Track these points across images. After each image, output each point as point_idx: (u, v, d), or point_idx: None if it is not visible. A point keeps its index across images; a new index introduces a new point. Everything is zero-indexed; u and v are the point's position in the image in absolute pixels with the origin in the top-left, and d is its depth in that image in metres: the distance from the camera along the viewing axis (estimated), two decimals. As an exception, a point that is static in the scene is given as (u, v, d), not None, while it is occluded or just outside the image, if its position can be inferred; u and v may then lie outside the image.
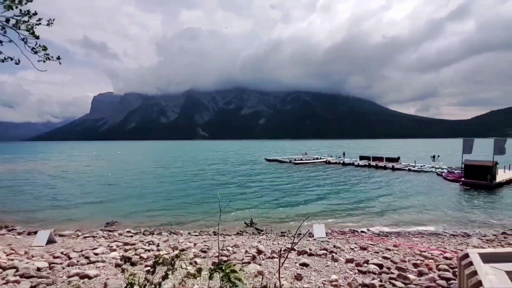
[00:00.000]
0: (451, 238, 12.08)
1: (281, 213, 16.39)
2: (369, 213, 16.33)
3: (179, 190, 24.23)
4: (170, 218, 15.53)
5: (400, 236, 12.29)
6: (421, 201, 19.15)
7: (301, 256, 8.16)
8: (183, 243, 9.73)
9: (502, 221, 14.87)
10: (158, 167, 45.27)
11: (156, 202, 19.57)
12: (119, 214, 16.39)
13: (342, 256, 8.36)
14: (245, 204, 18.71)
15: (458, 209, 17.16)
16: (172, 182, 28.93)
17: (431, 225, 14.27)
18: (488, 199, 20.18)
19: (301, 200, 19.75)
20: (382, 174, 33.41)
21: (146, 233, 12.40)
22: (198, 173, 37.07)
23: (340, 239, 10.98)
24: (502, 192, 22.63)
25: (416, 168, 36.03)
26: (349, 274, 7.07)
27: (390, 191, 22.89)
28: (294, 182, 28.35)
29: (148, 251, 8.72)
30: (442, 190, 23.27)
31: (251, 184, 27.37)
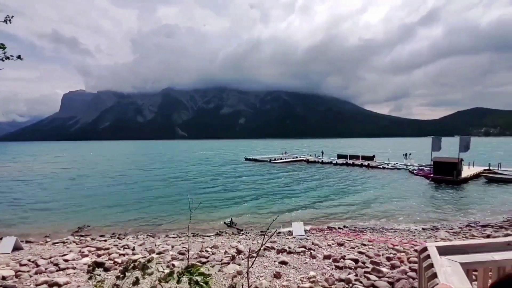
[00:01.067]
0: (421, 232, 12.74)
1: (261, 212, 16.47)
2: (347, 210, 16.83)
3: (157, 192, 23.59)
4: (146, 220, 15.07)
5: (375, 232, 12.77)
6: (394, 197, 20.05)
7: (281, 255, 8.24)
8: (160, 246, 9.48)
9: (467, 214, 15.94)
10: (134, 168, 43.74)
11: (132, 205, 18.90)
12: (92, 218, 15.64)
13: (320, 252, 8.55)
14: (225, 204, 18.60)
15: (427, 204, 18.16)
16: (149, 184, 28.10)
17: (403, 220, 14.97)
18: (455, 193, 21.55)
19: (281, 199, 19.96)
20: (358, 172, 34.58)
21: (121, 237, 11.94)
22: (176, 173, 36.30)
23: (318, 236, 11.22)
24: (467, 187, 24.27)
25: (390, 166, 37.69)
26: (327, 270, 7.24)
27: (366, 188, 23.75)
28: (273, 181, 28.59)
29: (123, 256, 8.40)
30: (413, 186, 24.52)
31: (231, 183, 27.25)
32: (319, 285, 6.28)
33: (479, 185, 25.27)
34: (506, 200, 19.07)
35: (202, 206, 17.62)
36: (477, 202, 18.68)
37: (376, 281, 6.17)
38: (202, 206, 17.38)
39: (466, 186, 24.62)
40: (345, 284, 6.29)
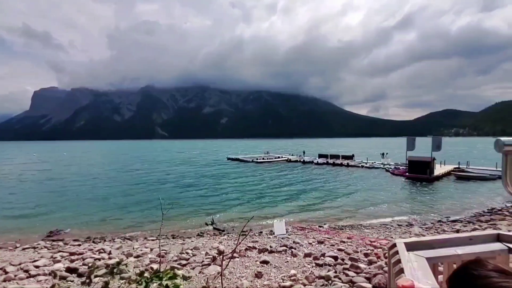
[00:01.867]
0: (397, 228, 13.27)
1: (243, 212, 16.45)
2: (327, 208, 17.21)
3: (135, 194, 22.89)
4: (124, 223, 14.58)
5: (354, 229, 13.15)
6: (372, 195, 20.75)
7: (262, 254, 8.27)
8: (138, 249, 9.20)
9: (439, 210, 16.81)
10: (111, 170, 42.10)
11: (109, 208, 18.20)
12: (65, 222, 14.89)
13: (301, 251, 8.67)
14: (206, 204, 18.40)
15: (403, 201, 18.96)
16: (127, 186, 27.21)
17: (380, 216, 15.53)
18: (428, 190, 22.67)
19: (263, 198, 20.06)
20: (338, 171, 35.47)
21: (97, 241, 11.47)
22: (156, 175, 35.43)
23: (299, 235, 11.38)
24: (438, 184, 25.60)
25: (368, 165, 39.00)
26: (307, 268, 7.36)
27: (345, 187, 24.41)
28: (256, 180, 28.66)
29: (98, 260, 8.07)
30: (389, 184, 25.52)
31: (213, 184, 27.01)
32: (300, 283, 6.37)
33: (450, 182, 26.75)
34: (473, 196, 20.30)
35: (183, 207, 17.34)
36: (448, 198, 19.75)
37: (354, 277, 6.35)
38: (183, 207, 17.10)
39: (438, 184, 25.97)
40: (325, 281, 6.42)
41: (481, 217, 14.69)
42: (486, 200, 18.79)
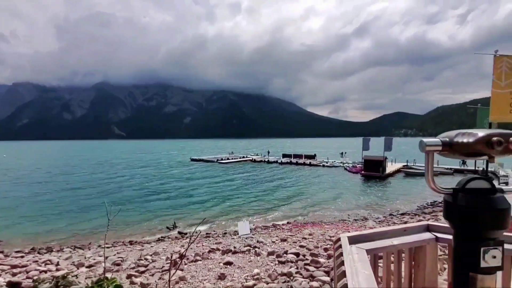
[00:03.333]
0: (353, 222, 14.15)
1: (206, 213, 16.17)
2: (290, 206, 17.71)
3: (86, 199, 21.13)
4: (74, 231, 13.39)
5: (315, 225, 13.72)
6: (332, 192, 21.87)
7: (226, 255, 8.22)
8: (91, 258, 8.54)
9: (390, 204, 18.30)
10: (59, 174, 38.21)
11: (56, 215, 16.56)
12: (4, 232, 13.24)
13: (265, 250, 8.80)
14: (168, 208, 17.73)
15: (359, 197, 20.30)
16: (78, 191, 25.04)
17: (340, 212, 16.42)
18: (381, 187, 24.56)
19: (227, 199, 19.94)
20: (301, 170, 36.72)
21: (42, 251, 10.38)
22: (112, 178, 33.19)
23: (263, 233, 11.53)
24: (390, 181, 27.90)
25: (329, 164, 41.04)
26: (270, 266, 7.49)
27: (307, 185, 25.37)
28: (220, 181, 28.39)
29: (44, 272, 7.31)
30: (347, 182, 27.15)
31: (175, 186, 26.13)
32: (263, 281, 6.46)
33: (400, 179, 29.32)
34: (419, 191, 22.48)
35: (143, 211, 16.51)
36: (398, 193, 21.62)
37: (314, 271, 6.63)
38: (142, 212, 16.28)
39: (389, 180, 28.28)
40: (287, 278, 6.60)
41: (425, 209, 16.35)
42: (429, 194, 20.97)
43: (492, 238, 0.88)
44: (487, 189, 0.90)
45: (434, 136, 0.93)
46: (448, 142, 0.87)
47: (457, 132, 0.87)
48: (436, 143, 0.88)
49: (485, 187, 0.90)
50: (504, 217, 0.87)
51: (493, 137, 0.78)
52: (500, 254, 0.86)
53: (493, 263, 0.86)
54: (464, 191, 0.91)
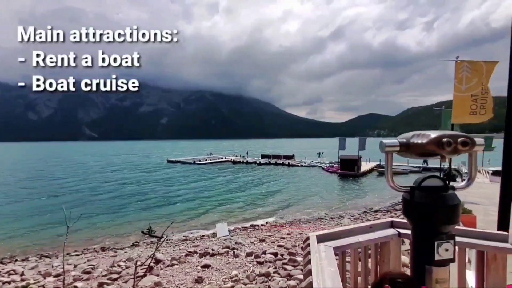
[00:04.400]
0: (330, 220, 14.53)
1: (184, 216, 15.83)
2: (269, 206, 17.84)
3: (54, 205, 19.89)
4: (41, 239, 12.56)
5: (293, 225, 13.92)
6: (310, 192, 22.33)
7: (203, 258, 8.11)
8: (59, 267, 8.05)
9: (364, 202, 19.01)
10: (25, 179, 35.72)
11: (21, 223, 15.39)
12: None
13: (243, 251, 8.79)
14: (144, 211, 17.16)
15: (336, 196, 20.91)
16: (44, 196, 23.48)
17: (317, 211, 16.77)
18: (356, 185, 25.47)
19: (206, 201, 19.69)
20: (280, 170, 37.13)
21: (5, 261, 9.63)
22: (83, 181, 31.54)
23: (242, 235, 11.53)
24: (364, 180, 28.99)
25: (307, 164, 41.88)
26: (249, 267, 7.50)
27: (286, 185, 25.71)
28: (198, 183, 27.95)
29: (8, 284, 6.79)
30: (325, 181, 27.87)
31: (151, 188, 25.35)
32: (241, 283, 6.45)
33: (373, 177, 30.56)
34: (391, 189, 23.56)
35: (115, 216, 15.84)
36: (372, 191, 22.52)
37: (292, 270, 6.72)
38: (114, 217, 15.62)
39: (364, 179, 29.39)
40: (265, 278, 6.64)
41: (396, 206, 17.15)
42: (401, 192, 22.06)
43: (444, 233, 0.94)
44: (440, 186, 0.96)
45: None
46: (405, 143, 0.93)
47: (413, 134, 0.92)
48: (394, 144, 0.93)
49: (438, 185, 0.97)
50: (455, 212, 0.94)
51: (444, 138, 0.84)
52: (452, 247, 0.93)
53: (446, 256, 0.93)
54: (420, 189, 0.97)
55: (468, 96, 7.48)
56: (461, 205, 0.97)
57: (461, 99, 7.61)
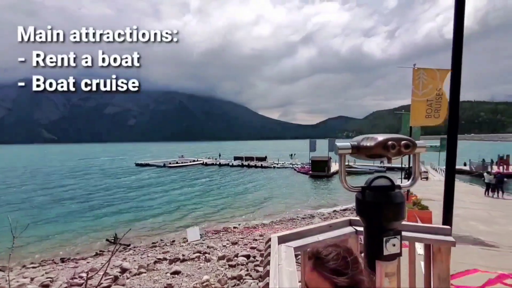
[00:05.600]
0: (301, 220, 14.84)
1: (153, 222, 15.22)
2: (242, 208, 17.79)
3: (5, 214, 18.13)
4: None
5: (266, 226, 14.01)
6: (282, 193, 22.65)
7: (173, 264, 7.87)
8: (14, 281, 7.33)
9: (334, 201, 19.72)
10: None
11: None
12: None
13: (215, 254, 8.67)
14: (108, 218, 16.22)
15: (307, 196, 21.43)
16: None
17: (289, 211, 17.05)
18: (326, 185, 26.33)
19: (176, 205, 19.12)
20: (253, 172, 37.25)
21: None
22: (42, 187, 29.08)
23: (214, 238, 11.36)
24: (334, 180, 30.07)
25: (279, 165, 42.52)
26: (221, 270, 7.41)
27: (259, 186, 25.86)
28: (168, 186, 27.07)
29: None
30: (297, 182, 28.48)
31: (117, 194, 24.06)
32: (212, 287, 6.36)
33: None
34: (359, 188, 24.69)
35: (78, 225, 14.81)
36: (341, 191, 23.40)
37: (263, 272, 6.77)
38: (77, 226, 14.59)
39: (334, 179, 30.48)
40: (237, 281, 6.61)
41: (362, 204, 18.05)
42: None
43: (392, 229, 1.02)
44: (388, 186, 1.04)
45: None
46: (356, 146, 0.99)
47: (363, 137, 0.98)
48: (347, 147, 0.99)
49: (386, 185, 1.04)
50: (401, 209, 1.02)
51: (389, 142, 0.91)
52: (398, 242, 1.00)
53: (393, 250, 1.00)
54: (370, 189, 1.03)
55: (424, 101, 8.09)
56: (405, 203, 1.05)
57: (418, 104, 8.21)
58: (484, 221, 8.48)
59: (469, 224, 8.00)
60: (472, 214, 9.42)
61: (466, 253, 5.40)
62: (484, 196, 13.87)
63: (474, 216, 9.17)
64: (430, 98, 7.99)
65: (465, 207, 10.86)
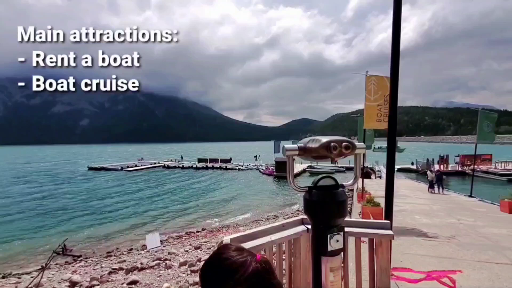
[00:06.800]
0: (266, 221, 15.02)
1: (108, 229, 14.18)
2: (206, 211, 17.45)
3: None
4: None
5: (231, 228, 13.93)
6: (247, 194, 22.75)
7: (130, 274, 7.42)
8: None
9: (298, 201, 20.28)
10: None
11: None
12: None
13: (176, 261, 8.38)
14: (58, 228, 14.77)
15: (272, 197, 21.80)
16: None
17: (254, 213, 17.16)
18: (289, 186, 27.07)
19: (136, 211, 18.09)
20: (217, 174, 36.82)
21: None
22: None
23: (175, 244, 10.98)
24: (298, 180, 30.88)
25: (244, 167, 42.61)
26: (182, 277, 7.17)
27: (224, 189, 25.64)
28: (126, 192, 25.47)
29: None
30: (261, 183, 28.81)
31: (67, 200, 22.00)
32: (173, 294, 6.13)
33: (305, 177, 33.03)
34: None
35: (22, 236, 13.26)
36: (303, 191, 24.27)
37: (225, 274, 6.71)
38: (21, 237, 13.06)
39: (297, 180, 31.40)
40: (199, 287, 6.46)
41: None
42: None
43: (336, 225, 1.08)
44: (332, 185, 1.10)
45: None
46: (303, 147, 1.03)
47: (309, 139, 1.03)
48: (294, 149, 1.03)
49: (331, 184, 1.10)
50: (344, 207, 1.09)
51: (331, 143, 0.97)
52: (341, 238, 1.07)
53: (336, 246, 1.06)
54: (316, 188, 1.08)
55: (375, 105, 8.79)
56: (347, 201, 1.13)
57: (370, 108, 8.91)
58: (427, 214, 9.44)
59: (414, 217, 8.84)
60: (417, 209, 10.42)
61: (412, 244, 5.96)
62: (427, 192, 15.47)
63: (419, 210, 10.16)
64: (380, 103, 8.71)
65: (412, 202, 11.97)
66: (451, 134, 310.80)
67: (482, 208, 10.74)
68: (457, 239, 6.29)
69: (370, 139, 15.09)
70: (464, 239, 6.30)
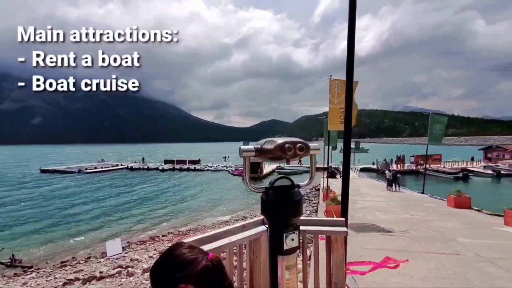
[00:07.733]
0: (235, 223, 14.86)
1: (63, 237, 13.08)
2: (172, 215, 16.87)
3: None
4: None
5: (198, 231, 13.63)
6: (215, 196, 22.44)
7: (88, 284, 6.94)
8: None
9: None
10: None
11: None
12: None
13: (139, 267, 8.00)
14: (4, 236, 13.29)
15: (241, 198, 21.72)
16: None
17: (222, 215, 16.97)
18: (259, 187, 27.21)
19: (94, 216, 16.87)
20: (185, 176, 35.85)
21: None
22: None
23: (139, 250, 10.48)
24: (267, 181, 31.36)
25: (213, 168, 42.03)
26: (145, 284, 6.87)
27: (192, 191, 25.03)
28: (83, 196, 23.61)
29: None
30: (230, 184, 28.62)
31: (16, 208, 19.88)
32: (135, 303, 5.84)
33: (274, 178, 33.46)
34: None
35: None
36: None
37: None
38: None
39: (266, 180, 31.76)
40: None
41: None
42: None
43: (291, 224, 1.11)
44: (288, 186, 1.13)
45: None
46: (259, 149, 1.05)
47: (265, 141, 1.05)
48: (250, 150, 1.04)
49: (287, 184, 1.13)
50: (299, 206, 1.12)
51: (286, 144, 0.99)
52: (296, 237, 1.10)
53: (292, 245, 1.09)
54: (272, 189, 1.11)
55: (338, 108, 9.22)
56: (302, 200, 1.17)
57: (334, 111, 9.32)
58: (385, 211, 10.11)
59: (374, 214, 9.42)
60: (377, 206, 11.12)
61: (370, 239, 6.34)
62: (386, 190, 16.59)
63: (378, 207, 10.85)
64: (343, 106, 9.14)
65: (372, 200, 12.75)
66: (407, 136, 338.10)
67: (432, 203, 11.78)
68: (410, 233, 6.83)
69: (334, 140, 15.80)
70: (416, 233, 6.86)
